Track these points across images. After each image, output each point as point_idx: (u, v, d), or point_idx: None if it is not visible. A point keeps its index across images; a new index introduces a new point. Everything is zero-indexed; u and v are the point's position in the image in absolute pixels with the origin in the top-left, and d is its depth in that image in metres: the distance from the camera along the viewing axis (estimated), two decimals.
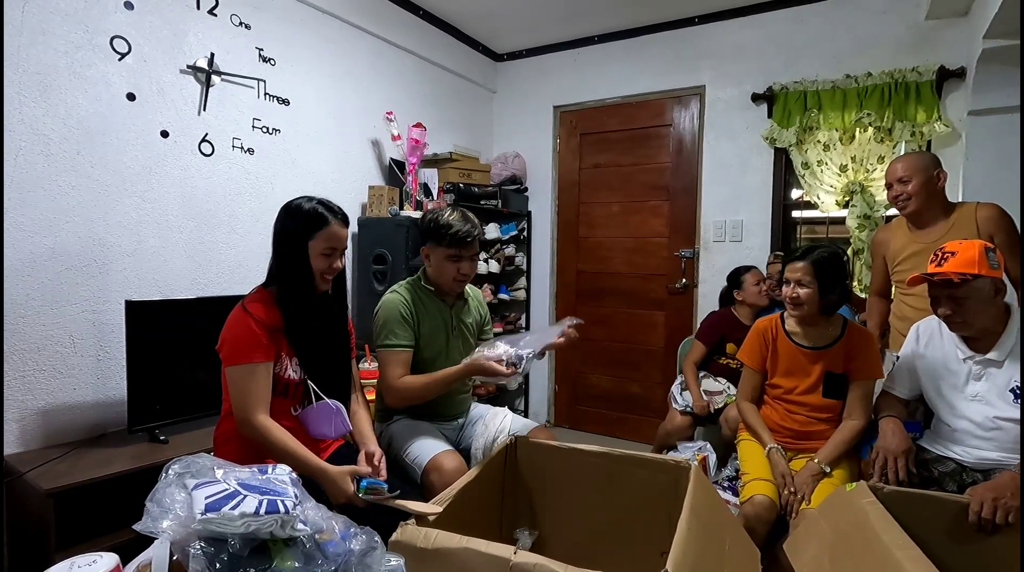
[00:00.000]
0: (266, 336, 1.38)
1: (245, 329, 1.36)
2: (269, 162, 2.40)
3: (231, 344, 1.37)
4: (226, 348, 1.38)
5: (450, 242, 1.68)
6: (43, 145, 1.72)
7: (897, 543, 1.11)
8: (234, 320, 1.39)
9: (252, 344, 1.36)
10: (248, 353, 1.35)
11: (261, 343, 1.37)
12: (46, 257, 1.74)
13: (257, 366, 1.36)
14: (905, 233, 2.05)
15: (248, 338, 1.36)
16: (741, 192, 3.09)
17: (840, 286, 1.74)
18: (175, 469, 0.81)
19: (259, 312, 1.39)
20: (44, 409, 1.76)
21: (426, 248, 1.74)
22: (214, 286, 2.21)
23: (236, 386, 1.36)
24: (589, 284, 3.63)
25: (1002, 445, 1.51)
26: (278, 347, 1.42)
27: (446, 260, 1.71)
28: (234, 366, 1.36)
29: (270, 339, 1.39)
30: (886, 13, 2.70)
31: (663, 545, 1.55)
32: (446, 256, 1.70)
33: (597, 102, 3.53)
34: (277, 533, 0.78)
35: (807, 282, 1.71)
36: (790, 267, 1.76)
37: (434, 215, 1.72)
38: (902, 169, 1.99)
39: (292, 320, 1.43)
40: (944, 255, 1.52)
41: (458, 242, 1.69)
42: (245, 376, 1.35)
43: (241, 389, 1.35)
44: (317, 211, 1.44)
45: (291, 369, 1.45)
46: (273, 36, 2.38)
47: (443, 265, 1.72)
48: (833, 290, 1.72)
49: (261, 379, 1.37)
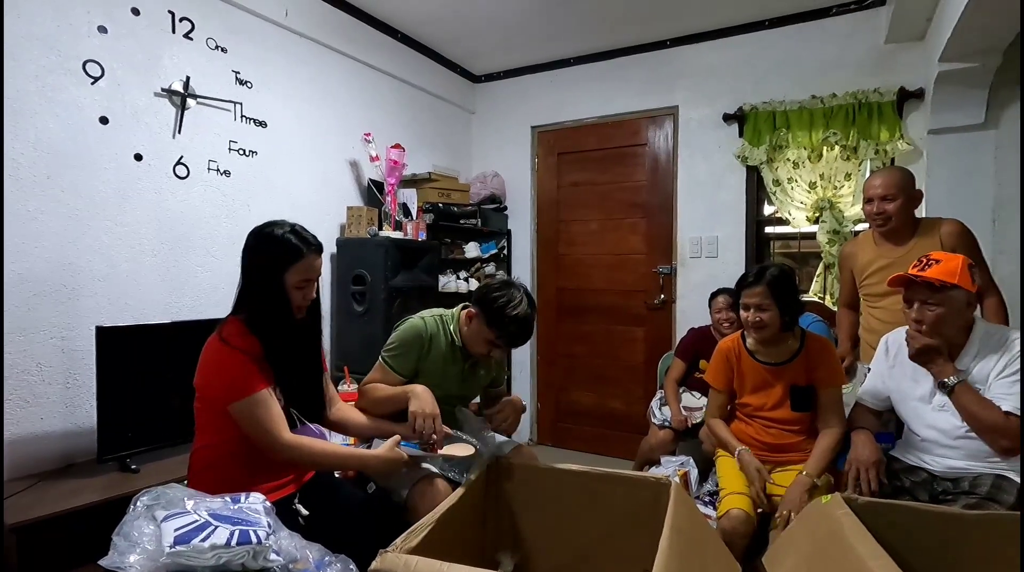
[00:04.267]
0: (256, 366, 1.35)
1: (237, 363, 1.33)
2: (246, 184, 2.38)
3: (230, 381, 1.34)
4: (224, 386, 1.34)
5: (506, 338, 1.62)
6: (12, 169, 1.69)
7: (870, 554, 1.12)
8: (220, 356, 1.35)
9: (249, 375, 1.33)
10: (250, 385, 1.33)
11: (256, 372, 1.34)
12: (14, 283, 1.70)
13: (262, 393, 1.34)
14: (872, 247, 2.09)
15: (243, 371, 1.33)
16: (716, 209, 3.15)
17: (795, 301, 1.77)
18: (143, 501, 0.79)
19: (241, 344, 1.35)
20: (9, 440, 1.70)
21: (475, 313, 1.65)
22: (189, 310, 2.17)
23: (251, 419, 1.33)
24: (570, 301, 3.66)
25: (969, 453, 1.55)
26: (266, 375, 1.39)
27: (487, 342, 1.65)
28: (240, 401, 1.32)
29: (259, 368, 1.36)
30: (849, 37, 2.82)
31: (645, 563, 1.55)
32: (489, 339, 1.64)
33: (574, 122, 3.60)
34: (249, 564, 0.77)
35: (767, 305, 1.73)
36: (747, 293, 1.77)
37: (505, 299, 1.60)
38: (884, 187, 1.96)
39: (270, 348, 1.39)
40: (928, 262, 1.56)
41: (511, 341, 1.64)
42: (255, 406, 1.32)
43: (258, 419, 1.33)
44: (290, 242, 1.39)
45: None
46: (249, 59, 2.39)
47: (481, 342, 1.66)
48: (790, 307, 1.75)
49: (272, 404, 1.35)
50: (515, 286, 1.65)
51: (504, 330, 1.60)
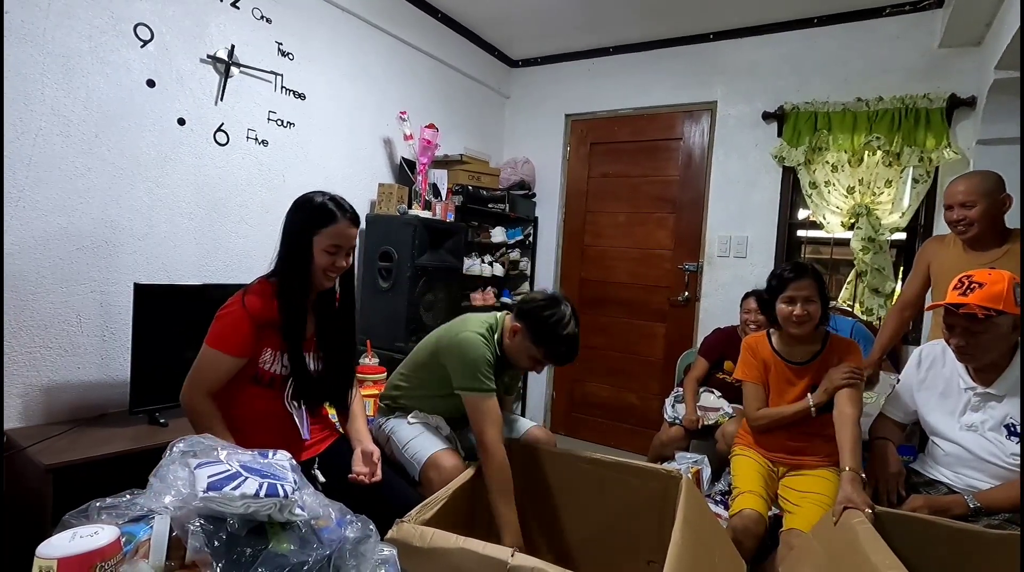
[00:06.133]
0: (252, 334, 1.38)
1: (235, 321, 1.38)
2: (282, 155, 2.42)
3: (218, 327, 1.39)
4: (213, 328, 1.40)
5: (556, 358, 1.60)
6: (63, 126, 1.75)
7: (885, 563, 1.12)
8: (230, 309, 1.40)
9: (233, 337, 1.37)
10: (226, 343, 1.37)
11: (240, 340, 1.38)
12: (58, 236, 1.77)
13: (226, 357, 1.38)
14: (958, 252, 1.96)
15: (232, 330, 1.37)
16: (747, 209, 3.10)
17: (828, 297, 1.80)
18: (179, 447, 0.83)
19: (255, 306, 1.38)
20: (48, 386, 1.78)
21: (520, 328, 1.61)
22: (221, 274, 2.23)
23: (200, 362, 1.39)
24: (592, 293, 3.65)
25: (994, 476, 1.51)
26: (264, 342, 1.42)
27: (531, 358, 1.63)
28: (209, 347, 1.38)
29: (256, 335, 1.39)
30: (899, 39, 2.73)
31: (650, 553, 1.57)
32: (536, 357, 1.62)
33: (609, 112, 3.56)
34: (275, 516, 0.79)
35: (814, 297, 1.73)
36: (796, 286, 1.74)
37: (556, 318, 1.57)
38: (965, 193, 1.86)
39: (287, 314, 1.42)
40: (971, 285, 1.45)
41: (560, 361, 1.62)
42: (211, 360, 1.38)
43: (201, 368, 1.38)
44: (326, 206, 1.42)
45: (278, 364, 1.45)
46: (292, 31, 2.41)
47: (525, 358, 1.63)
48: (827, 301, 1.78)
49: (222, 369, 1.39)
50: (562, 302, 1.62)
51: (554, 349, 1.58)
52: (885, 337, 2.19)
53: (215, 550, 0.74)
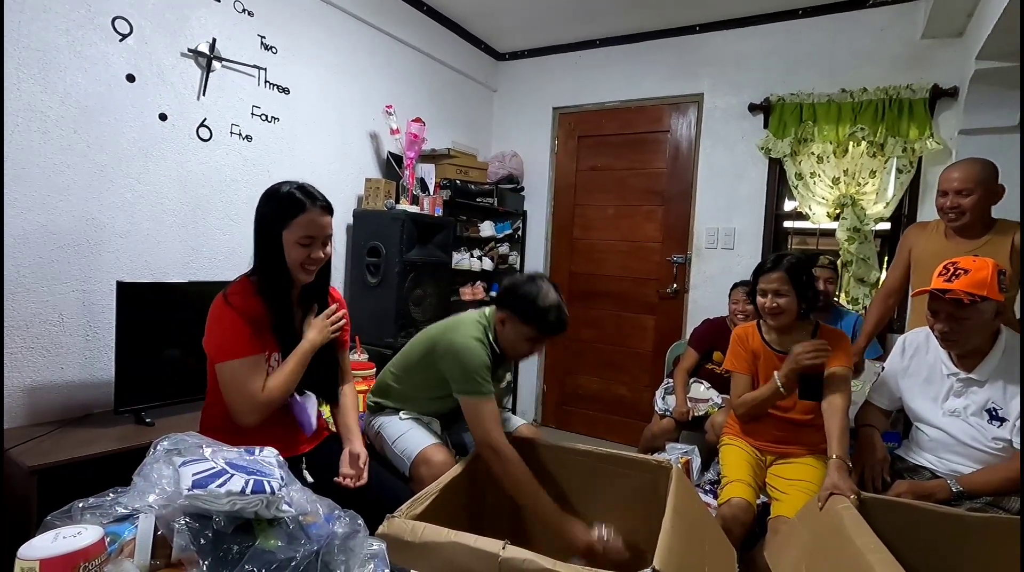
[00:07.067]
0: (251, 329, 1.33)
1: (230, 324, 1.32)
2: (267, 150, 2.39)
3: (219, 340, 1.33)
4: (213, 344, 1.34)
5: (548, 328, 1.57)
6: (40, 122, 1.72)
7: (869, 547, 1.13)
8: (217, 313, 1.35)
9: (238, 340, 1.32)
10: (235, 349, 1.32)
11: (248, 335, 1.33)
12: (38, 234, 1.74)
13: (245, 360, 1.32)
14: (940, 238, 1.97)
15: (233, 334, 1.32)
16: (735, 200, 3.12)
17: (812, 289, 1.77)
18: (163, 445, 0.82)
19: (240, 304, 1.34)
20: (30, 387, 1.75)
21: (506, 317, 1.61)
22: (206, 271, 2.21)
23: (231, 380, 1.31)
24: (581, 285, 3.66)
25: (977, 461, 1.54)
26: (263, 339, 1.37)
27: (527, 340, 1.61)
28: (224, 363, 1.32)
29: (255, 332, 1.34)
30: (883, 30, 2.74)
31: (642, 544, 1.58)
32: (530, 337, 1.60)
33: (596, 105, 3.55)
34: (262, 513, 0.79)
35: (784, 291, 1.73)
36: (764, 279, 1.76)
37: (535, 290, 1.57)
38: (961, 180, 1.84)
39: (274, 312, 1.38)
40: (956, 271, 1.47)
41: (552, 330, 1.58)
42: (234, 373, 1.31)
43: (238, 381, 1.31)
44: (294, 195, 1.35)
45: (273, 362, 1.42)
46: (276, 24, 2.38)
47: (522, 342, 1.62)
48: (807, 294, 1.75)
49: (253, 368, 1.33)
50: (539, 277, 1.63)
51: (544, 321, 1.57)
52: (870, 325, 2.22)
53: (201, 548, 0.73)
